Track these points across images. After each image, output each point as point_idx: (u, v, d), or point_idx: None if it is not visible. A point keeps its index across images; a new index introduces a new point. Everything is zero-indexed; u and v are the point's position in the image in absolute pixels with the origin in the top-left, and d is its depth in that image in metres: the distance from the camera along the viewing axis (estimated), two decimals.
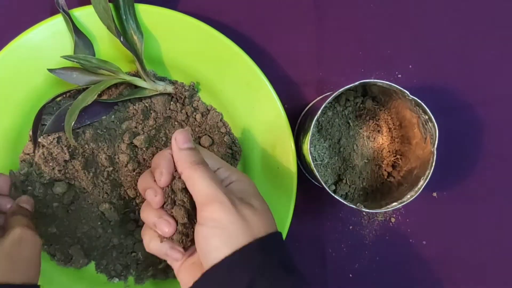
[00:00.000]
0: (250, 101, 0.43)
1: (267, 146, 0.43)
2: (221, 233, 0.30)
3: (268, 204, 0.43)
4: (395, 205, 0.38)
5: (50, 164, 0.40)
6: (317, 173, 0.37)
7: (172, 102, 0.44)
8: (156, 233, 0.34)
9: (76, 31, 0.40)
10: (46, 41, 0.40)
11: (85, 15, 0.41)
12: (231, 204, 0.31)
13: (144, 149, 0.43)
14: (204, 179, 0.32)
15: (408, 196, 0.38)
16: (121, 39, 0.39)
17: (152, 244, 0.34)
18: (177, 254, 0.33)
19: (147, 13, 0.41)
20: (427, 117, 0.38)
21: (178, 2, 0.45)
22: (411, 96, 0.37)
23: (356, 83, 0.36)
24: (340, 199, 0.37)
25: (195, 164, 0.33)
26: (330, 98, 0.37)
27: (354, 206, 0.38)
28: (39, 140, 0.40)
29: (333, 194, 0.37)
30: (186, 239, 0.34)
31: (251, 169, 0.44)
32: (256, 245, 0.30)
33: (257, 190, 0.36)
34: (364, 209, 0.38)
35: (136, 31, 0.41)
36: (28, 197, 0.40)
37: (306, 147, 0.38)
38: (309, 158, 0.38)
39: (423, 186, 0.38)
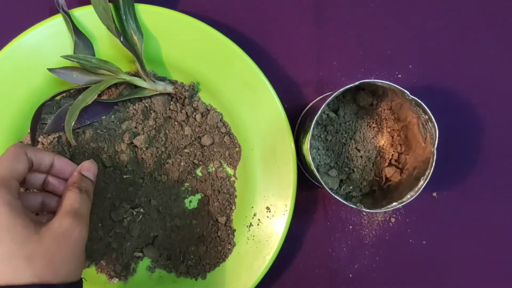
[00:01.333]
0: (250, 101, 0.43)
1: (267, 146, 0.43)
2: None
3: (268, 204, 0.43)
4: (395, 205, 0.38)
5: None
6: (317, 173, 0.37)
7: (172, 102, 0.44)
8: None
9: (76, 31, 0.40)
10: (46, 41, 0.40)
11: (85, 15, 0.41)
12: None
13: (144, 149, 0.43)
14: None
15: (408, 196, 0.38)
16: (121, 39, 0.39)
17: None
18: None
19: (147, 13, 0.41)
20: (427, 117, 0.38)
21: (178, 2, 0.45)
22: (411, 96, 0.37)
23: (356, 83, 0.36)
24: (340, 199, 0.37)
25: None
26: (330, 98, 0.37)
27: (354, 206, 0.38)
28: (39, 140, 0.40)
29: (333, 194, 0.37)
30: None
31: (251, 169, 0.44)
32: None
33: None
34: (364, 209, 0.38)
35: (136, 31, 0.41)
36: (91, 163, 0.36)
37: (306, 147, 0.38)
38: (309, 158, 0.38)
39: (423, 186, 0.38)
